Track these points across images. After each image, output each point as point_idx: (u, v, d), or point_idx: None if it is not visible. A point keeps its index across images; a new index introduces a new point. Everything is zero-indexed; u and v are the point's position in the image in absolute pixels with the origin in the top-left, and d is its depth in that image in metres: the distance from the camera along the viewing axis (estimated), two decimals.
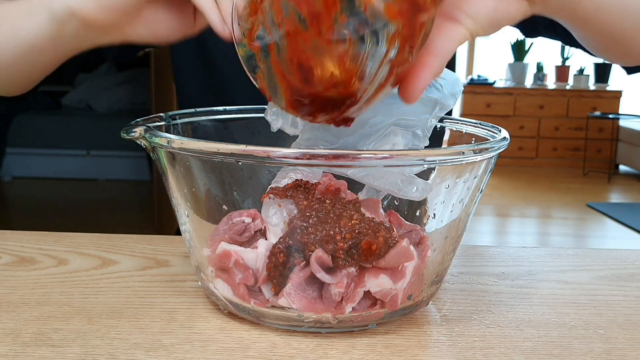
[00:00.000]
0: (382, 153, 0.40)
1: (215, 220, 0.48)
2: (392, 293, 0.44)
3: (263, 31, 0.40)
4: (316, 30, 0.37)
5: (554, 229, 3.59)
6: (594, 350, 0.44)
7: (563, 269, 0.60)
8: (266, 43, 0.40)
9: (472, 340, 0.45)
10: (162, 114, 0.52)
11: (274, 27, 0.39)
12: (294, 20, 0.38)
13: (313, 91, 0.39)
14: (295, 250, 0.43)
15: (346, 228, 0.42)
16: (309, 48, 0.38)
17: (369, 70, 0.38)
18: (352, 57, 0.37)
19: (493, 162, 0.46)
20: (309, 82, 0.39)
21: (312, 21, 0.37)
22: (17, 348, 0.42)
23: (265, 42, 0.40)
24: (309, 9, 0.37)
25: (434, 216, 0.48)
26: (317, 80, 0.38)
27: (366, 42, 0.37)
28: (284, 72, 0.40)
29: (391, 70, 0.38)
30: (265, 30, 0.40)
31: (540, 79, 5.40)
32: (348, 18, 0.36)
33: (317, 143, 0.49)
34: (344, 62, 0.37)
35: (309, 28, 0.37)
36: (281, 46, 0.39)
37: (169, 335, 0.44)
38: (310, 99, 0.40)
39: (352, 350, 0.42)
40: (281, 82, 0.41)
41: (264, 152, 0.39)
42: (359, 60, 0.37)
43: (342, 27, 0.37)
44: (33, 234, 0.65)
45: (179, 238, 0.64)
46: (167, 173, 0.47)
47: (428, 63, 0.40)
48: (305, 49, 0.38)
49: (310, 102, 0.40)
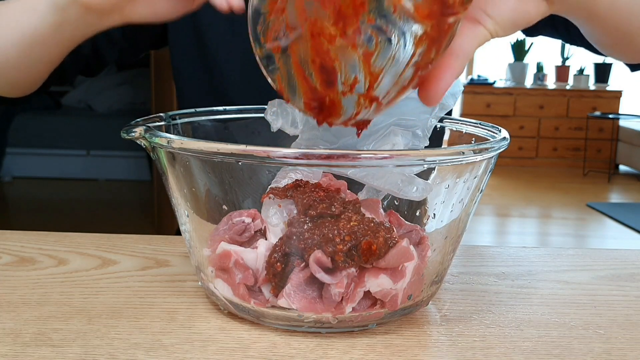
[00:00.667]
0: (382, 153, 0.40)
1: (215, 220, 0.48)
2: (392, 293, 0.44)
3: (283, 31, 0.39)
4: (342, 31, 0.36)
5: (554, 229, 3.59)
6: (594, 350, 0.44)
7: (563, 269, 0.60)
8: (287, 43, 0.39)
9: (472, 340, 0.45)
10: (162, 114, 0.52)
11: (295, 27, 0.38)
12: (318, 19, 0.36)
13: (334, 94, 0.38)
14: (293, 254, 0.43)
15: (345, 230, 0.42)
16: (333, 49, 0.36)
17: (394, 73, 0.37)
18: (378, 60, 0.36)
19: (493, 162, 0.46)
20: (331, 85, 0.38)
21: (338, 21, 0.36)
22: (17, 348, 0.42)
23: (286, 42, 0.39)
24: (334, 8, 0.35)
25: (434, 216, 0.48)
26: (339, 83, 0.37)
27: (393, 43, 0.36)
28: (305, 74, 0.39)
29: (415, 72, 0.37)
30: (286, 30, 0.39)
31: (540, 79, 5.40)
32: (376, 18, 0.35)
33: (317, 143, 0.49)
34: (369, 65, 0.36)
35: (334, 28, 0.36)
36: (303, 47, 0.38)
37: (169, 335, 0.44)
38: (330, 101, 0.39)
39: (352, 350, 0.42)
40: (301, 84, 0.39)
41: (264, 152, 0.39)
42: (384, 63, 0.36)
43: (369, 28, 0.35)
44: (33, 234, 0.65)
45: (179, 238, 0.64)
46: (167, 173, 0.47)
47: (450, 64, 0.39)
48: (329, 50, 0.36)
49: (330, 104, 0.39)
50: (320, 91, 0.39)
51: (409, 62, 0.36)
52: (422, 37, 0.36)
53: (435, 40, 0.36)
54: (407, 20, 0.35)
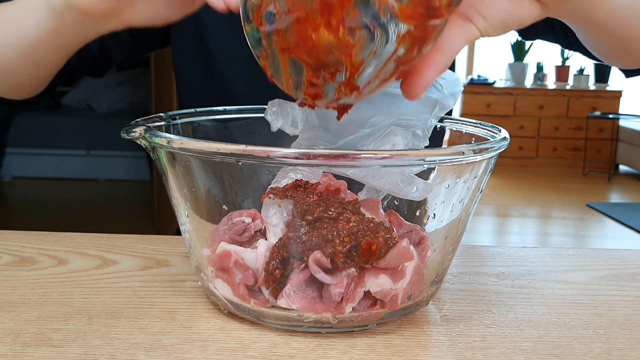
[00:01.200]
0: (382, 153, 0.40)
1: (215, 220, 0.48)
2: (392, 293, 0.44)
3: (272, 10, 0.39)
4: (326, 21, 0.36)
5: (554, 229, 3.59)
6: (594, 350, 0.44)
7: (563, 269, 0.60)
8: (274, 24, 0.39)
9: (472, 340, 0.45)
10: (162, 114, 0.52)
11: (283, 10, 0.38)
12: (305, 7, 0.37)
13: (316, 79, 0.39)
14: (293, 257, 0.43)
15: (344, 231, 0.42)
16: (317, 37, 0.37)
17: (375, 66, 0.37)
18: (360, 52, 0.37)
19: (493, 162, 0.46)
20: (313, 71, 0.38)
21: (323, 11, 0.36)
22: (17, 348, 0.42)
23: (274, 23, 0.39)
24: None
25: (434, 216, 0.48)
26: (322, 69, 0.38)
27: (376, 39, 0.36)
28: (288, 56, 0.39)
29: (397, 67, 0.38)
30: (274, 11, 0.39)
31: (540, 79, 5.40)
32: (360, 13, 0.36)
33: (317, 143, 0.49)
34: (350, 56, 0.37)
35: (319, 17, 0.36)
36: (288, 30, 0.38)
37: (169, 335, 0.44)
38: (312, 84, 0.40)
39: (352, 350, 0.42)
40: (284, 66, 0.40)
41: (264, 152, 0.39)
42: (365, 56, 0.37)
43: (352, 21, 0.36)
44: (33, 234, 0.65)
45: (179, 238, 0.64)
46: (167, 173, 0.47)
47: (434, 59, 0.39)
48: (312, 37, 0.37)
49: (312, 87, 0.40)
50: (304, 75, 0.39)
51: (390, 57, 0.37)
52: (406, 36, 0.36)
53: (419, 39, 0.36)
54: (391, 18, 0.36)
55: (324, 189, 0.46)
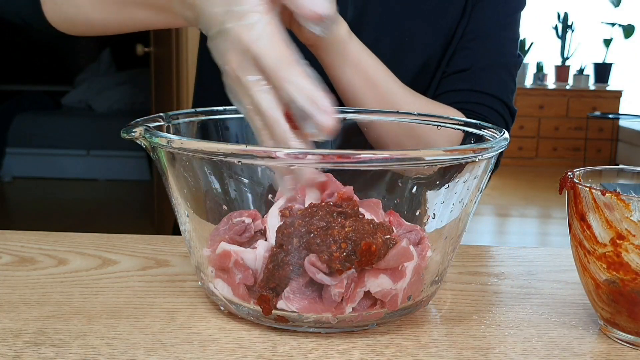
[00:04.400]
0: (382, 153, 0.40)
1: (215, 220, 0.48)
2: (392, 293, 0.44)
3: None
4: None
5: (554, 229, 3.59)
6: (594, 350, 0.44)
7: (563, 269, 0.60)
8: None
9: (472, 340, 0.45)
10: (162, 114, 0.52)
11: None
12: None
13: None
14: (290, 264, 0.43)
15: (340, 237, 0.42)
16: None
17: None
18: None
19: (493, 162, 0.46)
20: None
21: None
22: (17, 348, 0.42)
23: None
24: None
25: (433, 216, 0.48)
26: None
27: None
28: None
29: None
30: None
31: (540, 79, 5.40)
32: None
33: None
34: None
35: None
36: None
37: (169, 335, 0.44)
38: None
39: (352, 350, 0.42)
40: None
41: (264, 152, 0.39)
42: None
43: None
44: (33, 234, 0.65)
45: (179, 238, 0.64)
46: (167, 173, 0.47)
47: None
48: None
49: None
50: None
51: None
52: None
53: None
54: None
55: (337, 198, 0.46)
